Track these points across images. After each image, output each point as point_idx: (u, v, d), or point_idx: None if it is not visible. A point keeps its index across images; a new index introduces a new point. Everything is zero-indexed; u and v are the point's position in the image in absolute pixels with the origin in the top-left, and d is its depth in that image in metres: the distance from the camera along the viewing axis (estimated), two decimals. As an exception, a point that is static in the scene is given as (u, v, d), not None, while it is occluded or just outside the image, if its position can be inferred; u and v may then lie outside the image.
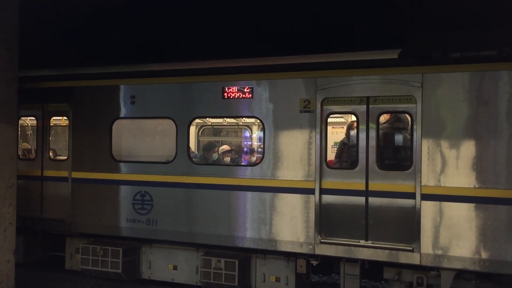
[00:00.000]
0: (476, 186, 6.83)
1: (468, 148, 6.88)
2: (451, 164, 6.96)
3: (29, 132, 11.26)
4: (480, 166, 6.82)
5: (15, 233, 7.90)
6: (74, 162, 9.29)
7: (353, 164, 7.57)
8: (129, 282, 9.01)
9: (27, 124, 11.24)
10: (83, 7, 10.40)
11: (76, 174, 9.26)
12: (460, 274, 7.06)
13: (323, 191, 7.58)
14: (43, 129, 9.78)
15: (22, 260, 9.63)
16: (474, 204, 6.83)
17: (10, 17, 7.76)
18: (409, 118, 7.37)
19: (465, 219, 6.85)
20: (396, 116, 7.67)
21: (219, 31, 10.59)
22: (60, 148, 10.81)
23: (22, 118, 10.36)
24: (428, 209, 7.02)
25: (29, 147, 10.90)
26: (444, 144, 6.99)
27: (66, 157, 9.58)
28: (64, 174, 9.36)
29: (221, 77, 8.31)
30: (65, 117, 10.02)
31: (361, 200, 7.38)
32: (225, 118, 10.28)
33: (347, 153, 7.91)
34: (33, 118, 10.25)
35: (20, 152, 10.23)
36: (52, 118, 9.96)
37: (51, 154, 9.93)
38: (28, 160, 10.08)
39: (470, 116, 6.91)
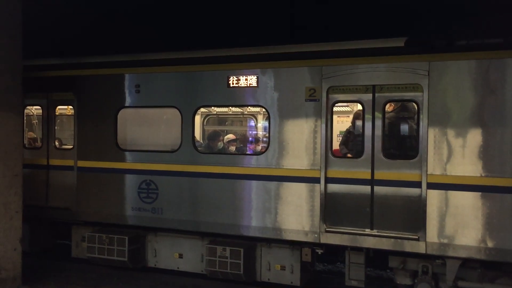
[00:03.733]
0: (482, 174, 6.80)
1: (475, 137, 6.85)
2: (457, 152, 6.93)
3: (34, 121, 11.29)
4: (486, 154, 6.78)
5: (21, 222, 7.94)
6: (80, 151, 9.31)
7: (358, 153, 7.55)
8: (135, 270, 9.07)
9: (33, 113, 11.26)
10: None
11: (81, 163, 9.28)
12: (466, 263, 7.06)
13: (328, 180, 7.57)
14: (48, 118, 9.79)
15: (29, 248, 9.69)
16: (480, 193, 6.80)
17: (13, 5, 7.74)
18: (415, 107, 7.32)
19: (471, 208, 6.83)
20: (402, 104, 7.63)
21: (224, 20, 10.54)
22: (66, 137, 10.83)
23: (27, 107, 10.37)
24: (434, 198, 7.00)
25: (35, 136, 10.93)
26: (451, 132, 6.95)
27: (71, 146, 9.61)
28: (70, 163, 9.39)
29: (226, 65, 8.27)
30: (70, 106, 10.03)
31: (366, 189, 7.37)
32: (230, 107, 10.26)
33: (353, 142, 7.88)
34: (38, 107, 10.26)
35: (26, 141, 10.25)
36: (58, 107, 9.97)
37: (56, 143, 9.95)
38: (34, 149, 10.12)
39: (477, 104, 6.86)
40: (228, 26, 10.60)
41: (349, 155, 7.81)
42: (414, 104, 7.33)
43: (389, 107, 7.56)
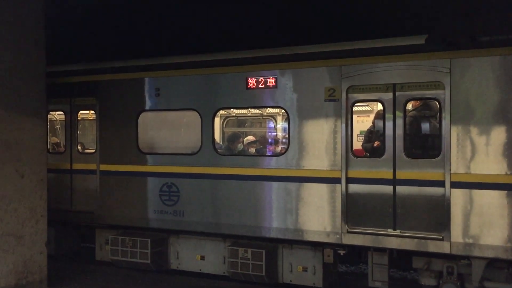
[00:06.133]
0: (508, 172, 6.66)
1: (499, 134, 6.71)
2: (481, 151, 6.80)
3: (58, 127, 11.47)
4: (511, 152, 6.64)
5: (46, 225, 8.08)
6: (102, 155, 9.43)
7: (380, 152, 7.47)
8: (158, 273, 9.14)
9: (56, 118, 11.45)
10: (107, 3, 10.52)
11: (104, 167, 9.40)
12: (492, 263, 6.92)
13: (349, 180, 7.51)
14: (71, 123, 9.94)
15: (54, 251, 9.85)
16: (505, 191, 6.66)
17: (37, 11, 7.88)
18: (437, 105, 7.21)
19: (497, 207, 6.69)
20: (423, 103, 7.53)
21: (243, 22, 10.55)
22: (88, 142, 10.98)
23: (51, 112, 10.55)
24: (458, 197, 6.88)
25: (58, 141, 11.10)
26: (474, 130, 6.83)
27: (94, 150, 9.73)
28: (92, 167, 9.52)
29: (245, 67, 8.29)
30: (92, 111, 10.17)
31: (388, 189, 7.28)
32: (249, 109, 10.26)
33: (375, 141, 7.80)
34: (61, 112, 10.43)
35: (49, 146, 10.43)
36: (80, 112, 10.12)
37: (79, 147, 10.10)
38: (58, 153, 10.28)
39: (501, 101, 6.72)
40: (246, 28, 10.60)
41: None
42: (435, 102, 7.22)
43: (410, 106, 7.46)
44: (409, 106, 7.44)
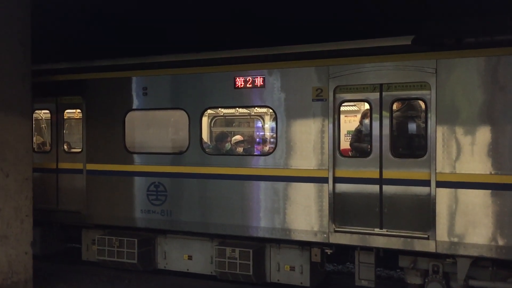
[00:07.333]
0: (492, 172, 6.74)
1: (484, 134, 6.79)
2: (466, 150, 6.88)
3: (43, 125, 11.37)
4: (496, 152, 6.73)
5: (32, 225, 8.00)
6: (88, 154, 9.36)
7: (366, 152, 7.52)
8: (145, 273, 9.10)
9: (42, 117, 11.34)
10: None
11: (90, 166, 9.34)
12: (477, 262, 7.00)
13: (336, 180, 7.55)
14: (57, 122, 9.86)
15: (40, 252, 9.77)
16: (490, 191, 6.75)
17: (22, 10, 7.80)
18: (423, 105, 7.28)
19: (481, 206, 6.78)
20: (410, 103, 7.59)
21: (230, 20, 10.52)
22: (74, 141, 10.90)
23: (36, 111, 10.45)
24: (443, 196, 6.96)
25: (44, 140, 11.00)
26: (459, 130, 6.91)
27: (80, 150, 9.66)
28: (79, 166, 9.44)
29: (233, 67, 8.28)
30: (78, 110, 10.09)
31: (375, 188, 7.34)
32: (237, 109, 10.26)
33: (362, 141, 7.85)
34: (47, 111, 10.33)
35: (35, 145, 10.32)
36: (66, 111, 10.04)
37: (65, 146, 10.01)
38: (43, 153, 10.19)
39: (486, 101, 6.81)
40: (233, 27, 10.57)
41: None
42: (422, 102, 7.29)
43: (396, 106, 7.53)
44: (396, 106, 7.50)
